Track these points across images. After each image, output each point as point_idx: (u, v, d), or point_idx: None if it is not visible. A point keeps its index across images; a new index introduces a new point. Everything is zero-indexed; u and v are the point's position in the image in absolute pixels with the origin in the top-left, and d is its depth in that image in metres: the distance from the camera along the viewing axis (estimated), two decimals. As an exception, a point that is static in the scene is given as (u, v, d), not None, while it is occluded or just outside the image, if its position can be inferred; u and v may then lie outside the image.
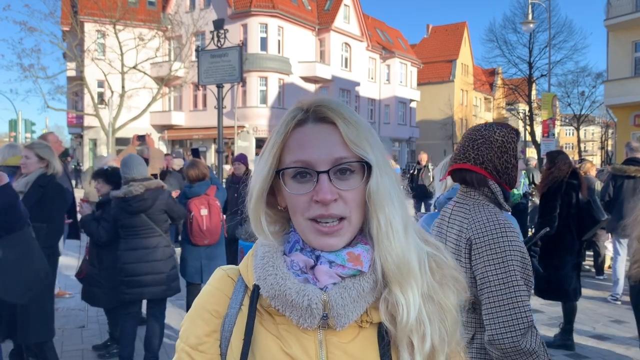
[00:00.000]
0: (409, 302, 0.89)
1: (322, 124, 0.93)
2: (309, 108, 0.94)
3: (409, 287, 0.90)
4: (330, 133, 0.92)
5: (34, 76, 26.43)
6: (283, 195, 0.96)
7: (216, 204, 5.30)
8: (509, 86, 39.14)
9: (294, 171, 0.91)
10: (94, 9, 28.60)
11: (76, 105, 34.68)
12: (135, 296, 4.50)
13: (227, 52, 7.44)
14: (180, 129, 35.62)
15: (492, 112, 59.56)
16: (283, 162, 0.93)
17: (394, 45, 45.22)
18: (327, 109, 0.92)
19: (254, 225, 0.97)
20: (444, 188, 2.86)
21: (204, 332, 0.98)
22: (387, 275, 0.90)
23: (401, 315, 0.89)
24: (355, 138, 0.90)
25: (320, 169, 0.89)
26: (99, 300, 4.96)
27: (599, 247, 8.76)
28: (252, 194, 0.96)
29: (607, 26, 22.45)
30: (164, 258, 4.53)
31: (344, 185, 0.90)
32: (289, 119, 0.94)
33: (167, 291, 4.56)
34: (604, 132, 56.32)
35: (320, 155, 0.90)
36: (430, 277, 0.94)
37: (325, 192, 0.88)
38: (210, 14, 30.65)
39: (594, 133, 72.05)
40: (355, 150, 0.90)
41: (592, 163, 9.62)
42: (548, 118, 19.18)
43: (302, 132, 0.93)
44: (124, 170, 4.53)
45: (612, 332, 5.96)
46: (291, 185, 0.92)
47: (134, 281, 4.44)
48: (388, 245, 0.90)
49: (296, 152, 0.91)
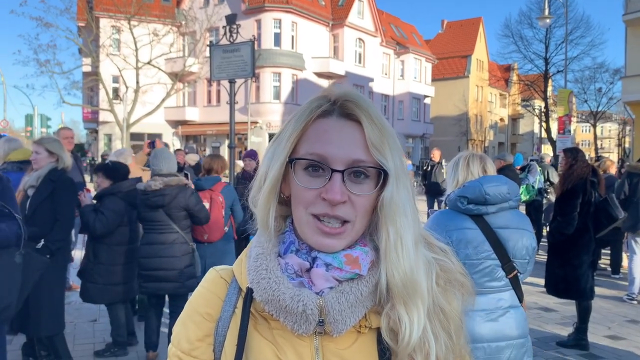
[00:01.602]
0: (413, 323, 0.85)
1: (346, 120, 0.88)
2: (337, 100, 0.89)
3: (414, 307, 0.85)
4: (353, 131, 0.87)
5: (50, 71, 26.72)
6: (288, 184, 0.91)
7: (218, 199, 5.16)
8: (524, 82, 38.84)
9: (307, 163, 0.87)
10: (109, 4, 28.85)
11: (91, 101, 34.98)
12: (149, 290, 4.60)
13: (240, 47, 7.42)
14: (194, 124, 35.78)
15: (508, 109, 59.09)
16: (297, 151, 0.89)
17: (408, 40, 44.95)
18: (356, 105, 0.88)
19: (261, 215, 0.91)
20: (455, 185, 2.82)
21: (197, 336, 0.94)
22: (392, 291, 0.86)
23: (403, 334, 0.85)
24: (378, 142, 0.86)
25: (335, 167, 0.85)
26: (92, 296, 4.78)
27: (618, 246, 8.61)
28: (266, 180, 0.90)
29: (626, 21, 22.05)
30: (180, 255, 4.53)
31: (356, 189, 0.86)
32: (314, 107, 0.89)
33: (180, 288, 4.54)
34: (621, 129, 55.62)
35: (339, 153, 0.85)
36: (436, 287, 0.90)
37: (336, 192, 0.84)
38: (224, 9, 30.65)
39: (611, 130, 71.18)
40: (375, 155, 0.86)
41: (611, 161, 9.50)
42: (564, 115, 18.93)
43: (325, 124, 0.88)
44: (153, 162, 4.65)
45: (627, 332, 5.87)
46: (301, 177, 0.87)
47: (149, 275, 4.54)
48: (396, 260, 0.85)
49: (314, 144, 0.87)
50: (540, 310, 6.60)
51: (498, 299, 2.60)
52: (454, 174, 2.86)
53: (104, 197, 4.74)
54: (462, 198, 2.64)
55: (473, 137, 50.03)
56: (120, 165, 5.06)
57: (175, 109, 35.87)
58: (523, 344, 2.61)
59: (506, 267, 2.60)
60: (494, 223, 2.63)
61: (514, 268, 2.62)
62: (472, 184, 2.66)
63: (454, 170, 2.87)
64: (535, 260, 8.58)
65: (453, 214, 2.71)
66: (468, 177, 2.78)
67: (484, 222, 2.62)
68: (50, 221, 3.99)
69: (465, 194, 2.64)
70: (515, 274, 2.63)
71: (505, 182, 2.66)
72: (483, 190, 2.59)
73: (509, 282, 2.63)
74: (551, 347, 5.34)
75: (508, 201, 2.65)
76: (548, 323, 6.14)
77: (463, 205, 2.64)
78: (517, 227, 2.65)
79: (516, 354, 2.57)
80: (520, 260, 2.63)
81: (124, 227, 4.77)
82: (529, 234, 2.67)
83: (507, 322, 2.58)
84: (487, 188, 2.59)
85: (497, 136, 57.92)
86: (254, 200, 0.94)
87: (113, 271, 4.73)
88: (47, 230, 3.95)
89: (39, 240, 3.87)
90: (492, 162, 2.90)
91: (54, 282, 4.10)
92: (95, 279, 4.70)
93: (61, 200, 4.05)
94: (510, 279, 2.63)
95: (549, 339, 5.56)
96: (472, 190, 2.62)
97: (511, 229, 2.63)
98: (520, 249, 2.61)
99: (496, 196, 2.60)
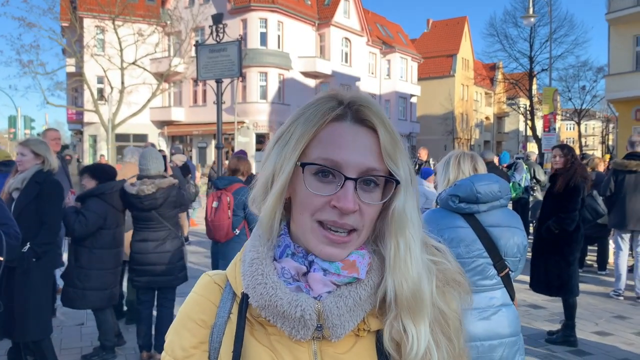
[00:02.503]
0: (420, 334, 0.84)
1: (360, 126, 0.85)
2: (351, 104, 0.86)
3: (421, 319, 0.84)
4: (367, 138, 0.85)
5: (33, 72, 26.36)
6: (294, 187, 0.87)
7: (226, 200, 5.09)
8: (509, 81, 39.15)
9: (317, 168, 0.84)
10: (93, 4, 28.54)
11: (76, 102, 34.60)
12: (142, 284, 4.72)
13: (226, 46, 7.37)
14: (180, 124, 35.54)
15: (493, 107, 59.52)
16: (307, 154, 0.85)
17: (394, 40, 45.07)
18: (370, 111, 0.85)
19: (266, 219, 0.88)
20: (446, 183, 2.82)
21: (191, 343, 0.91)
22: (399, 301, 0.84)
23: (410, 346, 0.84)
24: (392, 151, 0.84)
25: (348, 175, 0.82)
26: (72, 300, 4.67)
27: (605, 243, 8.70)
28: (273, 185, 0.87)
29: (609, 20, 22.34)
30: (172, 249, 4.74)
31: (367, 197, 0.84)
32: (326, 110, 0.85)
33: (174, 280, 4.77)
34: (604, 127, 56.30)
35: (353, 160, 0.82)
36: (435, 290, 0.88)
37: (349, 200, 0.81)
38: (209, 9, 30.50)
39: (595, 127, 71.96)
40: (388, 164, 0.84)
41: (600, 159, 9.58)
42: (549, 113, 19.08)
43: (339, 129, 0.85)
44: (141, 162, 4.70)
45: (614, 328, 5.93)
46: (311, 182, 0.84)
47: (143, 270, 4.67)
48: (405, 271, 0.84)
49: (327, 149, 0.83)
50: (528, 308, 6.64)
51: (490, 297, 2.61)
52: (445, 173, 2.86)
53: (86, 199, 4.69)
54: (453, 197, 2.65)
55: (459, 136, 50.33)
56: (107, 166, 5.03)
57: (161, 109, 35.59)
58: (515, 342, 2.61)
59: (498, 265, 2.61)
60: (486, 221, 2.63)
61: (505, 266, 2.62)
62: (463, 182, 2.67)
63: (445, 169, 2.87)
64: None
65: (444, 212, 2.71)
66: (459, 175, 2.79)
67: (475, 221, 2.63)
68: (36, 224, 3.92)
69: (456, 192, 2.64)
70: (506, 272, 2.63)
71: (497, 181, 2.67)
72: (474, 189, 2.59)
73: (501, 280, 2.63)
74: (540, 344, 5.37)
75: (499, 199, 2.66)
76: (537, 320, 6.18)
77: (454, 204, 2.65)
78: (508, 225, 2.66)
79: (508, 352, 2.57)
80: (512, 258, 2.64)
81: (107, 231, 4.67)
82: (520, 232, 2.68)
83: (500, 320, 2.58)
84: (478, 186, 2.60)
85: (482, 135, 58.33)
86: (258, 203, 0.91)
87: (93, 275, 4.63)
88: (32, 233, 3.88)
89: (24, 244, 3.81)
90: (483, 161, 2.90)
91: (41, 286, 4.03)
92: (75, 283, 4.62)
93: (47, 203, 3.98)
94: (501, 277, 2.63)
95: (538, 336, 5.60)
96: (463, 188, 2.63)
97: (502, 227, 2.63)
98: (512, 247, 2.62)
99: (487, 195, 2.61)
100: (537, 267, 5.47)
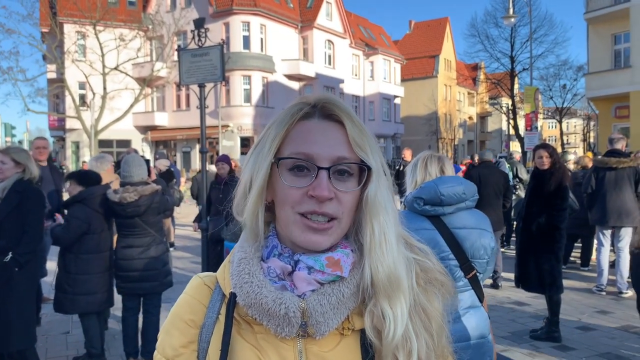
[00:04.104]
0: (397, 317, 0.87)
1: (328, 121, 0.91)
2: (317, 104, 0.92)
3: (397, 301, 0.87)
4: (335, 131, 0.90)
5: (13, 79, 26.12)
6: (273, 188, 0.92)
7: None
8: (491, 80, 39.42)
9: (292, 163, 0.89)
10: (73, 9, 28.24)
11: (57, 108, 34.23)
12: (127, 290, 4.71)
13: (209, 51, 7.34)
14: (164, 129, 35.33)
15: (476, 107, 60.00)
16: (281, 152, 0.90)
17: (377, 41, 45.26)
18: (335, 107, 0.91)
19: (250, 221, 0.92)
20: (413, 186, 2.81)
21: (180, 343, 0.95)
22: (376, 286, 0.88)
23: (387, 329, 0.86)
24: (360, 140, 0.89)
25: (321, 165, 0.87)
26: (62, 306, 4.69)
27: (589, 240, 8.81)
28: (252, 186, 0.91)
29: (587, 19, 22.67)
30: (157, 255, 4.73)
31: (342, 186, 0.89)
32: (295, 111, 0.92)
33: (159, 286, 4.76)
34: (585, 125, 57.00)
35: (324, 151, 0.88)
36: (416, 286, 0.91)
37: (323, 188, 0.86)
38: (191, 13, 30.39)
39: (576, 125, 72.79)
40: (358, 152, 0.89)
41: (589, 157, 9.63)
42: (531, 111, 19.33)
43: (308, 126, 0.91)
44: (124, 168, 4.70)
45: (597, 323, 6.01)
46: (287, 177, 0.89)
47: (128, 276, 4.66)
48: (380, 255, 0.88)
49: (299, 145, 0.89)
50: (513, 305, 6.71)
51: (457, 299, 2.58)
52: (412, 175, 2.84)
53: (69, 205, 4.68)
54: (418, 199, 2.63)
55: (443, 136, 50.63)
56: (92, 172, 5.00)
57: (144, 114, 35.35)
58: (483, 344, 2.57)
59: (464, 267, 2.58)
60: (451, 223, 2.61)
61: (472, 268, 2.59)
62: (427, 184, 2.66)
63: (412, 172, 2.85)
64: (507, 255, 8.71)
65: (410, 214, 2.68)
66: (426, 177, 2.77)
67: (440, 223, 2.61)
68: (17, 233, 3.89)
69: (421, 195, 2.63)
70: (474, 274, 2.60)
71: (461, 183, 2.66)
72: (438, 191, 2.58)
73: (468, 282, 2.60)
74: (525, 341, 5.44)
75: (464, 201, 2.64)
76: (522, 317, 6.25)
77: (419, 206, 2.63)
78: (474, 227, 2.63)
79: (475, 354, 2.53)
80: (479, 260, 2.61)
81: (92, 236, 4.64)
82: (488, 234, 2.64)
83: (467, 322, 2.54)
84: (442, 189, 2.59)
85: (466, 134, 58.76)
86: (239, 209, 0.95)
87: (82, 280, 4.61)
88: (14, 242, 3.85)
89: (6, 253, 3.77)
90: (451, 163, 2.89)
91: (24, 295, 3.99)
92: (65, 288, 4.61)
93: (29, 212, 3.95)
94: (469, 279, 2.60)
95: (523, 333, 5.66)
96: (427, 191, 2.62)
97: (468, 229, 2.61)
98: (479, 249, 2.59)
99: (451, 197, 2.59)
100: (526, 265, 5.49)
